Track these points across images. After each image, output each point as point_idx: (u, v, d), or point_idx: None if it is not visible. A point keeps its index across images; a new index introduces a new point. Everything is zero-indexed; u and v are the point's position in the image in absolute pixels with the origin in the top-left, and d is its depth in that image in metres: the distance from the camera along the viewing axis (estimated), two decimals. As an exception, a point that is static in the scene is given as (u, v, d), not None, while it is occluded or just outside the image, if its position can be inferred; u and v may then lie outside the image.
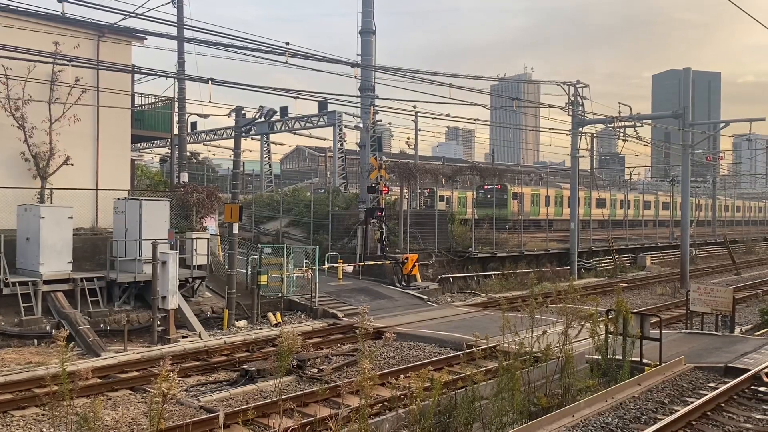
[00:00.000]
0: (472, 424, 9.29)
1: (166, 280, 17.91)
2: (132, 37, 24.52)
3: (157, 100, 28.45)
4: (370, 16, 30.09)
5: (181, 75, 26.15)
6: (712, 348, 15.63)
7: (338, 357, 16.71)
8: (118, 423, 11.57)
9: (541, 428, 9.45)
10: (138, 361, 15.51)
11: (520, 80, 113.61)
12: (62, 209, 19.25)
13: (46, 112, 21.49)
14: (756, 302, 25.15)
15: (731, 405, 11.51)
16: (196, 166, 50.59)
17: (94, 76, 23.20)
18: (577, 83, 35.23)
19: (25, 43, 19.03)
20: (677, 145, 42.31)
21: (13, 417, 11.76)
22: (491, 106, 38.75)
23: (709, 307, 18.11)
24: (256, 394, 13.40)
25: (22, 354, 15.91)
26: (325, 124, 47.53)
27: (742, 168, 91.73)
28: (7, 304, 17.68)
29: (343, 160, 45.90)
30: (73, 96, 21.88)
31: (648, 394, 11.79)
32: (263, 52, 19.67)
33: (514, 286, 30.16)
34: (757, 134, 65.28)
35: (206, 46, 19.21)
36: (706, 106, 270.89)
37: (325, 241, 30.49)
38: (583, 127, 36.74)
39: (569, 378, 11.42)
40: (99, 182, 23.83)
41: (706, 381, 12.91)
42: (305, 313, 22.04)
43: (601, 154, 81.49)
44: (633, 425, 10.14)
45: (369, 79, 29.63)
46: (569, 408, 10.27)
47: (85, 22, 21.07)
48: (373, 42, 30.08)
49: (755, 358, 14.21)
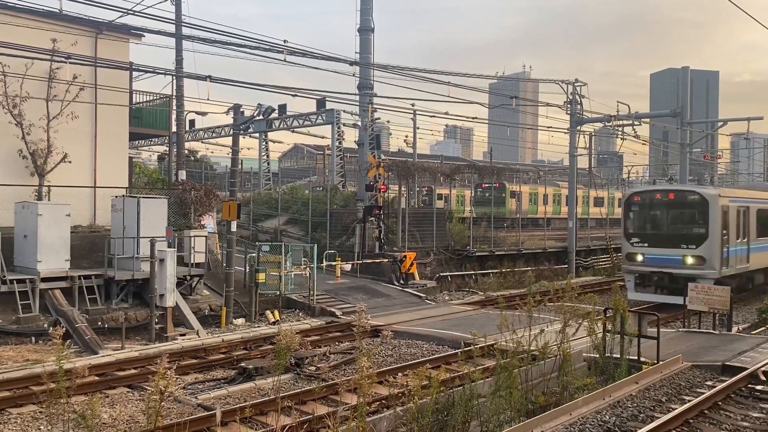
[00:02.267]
0: (470, 422, 9.30)
1: (164, 277, 17.89)
2: (130, 34, 24.51)
3: (155, 98, 28.41)
4: (368, 14, 30.06)
5: (180, 72, 26.10)
6: (709, 346, 15.65)
7: (336, 355, 16.71)
8: (115, 421, 11.56)
9: (539, 426, 9.45)
10: (136, 358, 15.49)
11: (518, 78, 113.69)
12: (60, 207, 19.21)
13: (43, 109, 21.45)
14: (754, 301, 25.17)
15: (728, 403, 11.52)
16: (194, 163, 50.58)
17: (92, 74, 23.18)
18: (575, 81, 35.24)
19: (23, 40, 19.01)
20: (675, 143, 42.36)
21: (10, 414, 11.75)
22: (490, 105, 38.79)
23: (706, 305, 18.13)
24: (254, 392, 13.39)
25: (19, 351, 15.88)
26: (323, 122, 47.50)
27: (740, 167, 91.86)
28: (5, 301, 17.66)
29: (341, 158, 45.86)
30: (70, 93, 21.84)
31: (645, 392, 11.80)
32: (262, 49, 19.69)
33: (512, 285, 30.16)
34: (755, 133, 65.31)
35: (205, 44, 19.22)
36: (704, 105, 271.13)
37: (324, 239, 30.48)
38: (582, 126, 36.77)
39: (567, 376, 11.43)
40: (97, 180, 23.81)
41: (703, 379, 12.92)
42: (303, 311, 22.03)
43: (600, 152, 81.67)
44: (630, 423, 10.15)
45: (367, 77, 29.61)
46: (567, 406, 10.28)
47: (83, 19, 21.09)
48: (371, 40, 30.05)
49: (752, 357, 14.23)
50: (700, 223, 23.12)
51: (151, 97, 28.38)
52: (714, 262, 22.66)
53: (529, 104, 46.26)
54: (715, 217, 22.77)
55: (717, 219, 22.77)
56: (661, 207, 24.31)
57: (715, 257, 22.73)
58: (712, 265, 22.62)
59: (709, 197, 23.13)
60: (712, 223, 22.79)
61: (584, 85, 35.59)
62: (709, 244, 22.77)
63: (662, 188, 26.50)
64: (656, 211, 24.52)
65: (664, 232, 23.99)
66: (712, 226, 22.78)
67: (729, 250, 23.34)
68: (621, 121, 35.60)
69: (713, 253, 22.75)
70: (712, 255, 22.74)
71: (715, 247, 22.78)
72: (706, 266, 22.55)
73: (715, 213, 22.80)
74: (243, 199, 37.28)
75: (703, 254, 22.68)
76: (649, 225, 24.54)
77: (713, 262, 22.68)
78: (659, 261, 23.39)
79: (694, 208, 23.44)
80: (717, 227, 22.78)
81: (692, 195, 23.76)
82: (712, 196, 23.18)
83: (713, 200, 23.03)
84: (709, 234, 22.79)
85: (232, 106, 21.59)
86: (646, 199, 24.80)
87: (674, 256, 23.12)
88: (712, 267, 22.60)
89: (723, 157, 74.32)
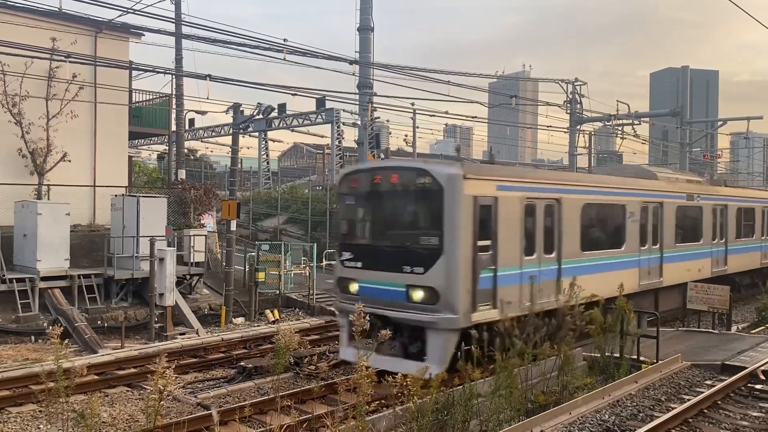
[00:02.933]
0: (470, 421, 9.30)
1: (164, 277, 17.88)
2: (129, 33, 24.51)
3: (154, 97, 28.41)
4: (368, 13, 30.08)
5: (179, 71, 26.09)
6: (708, 346, 15.64)
7: (336, 354, 16.69)
8: (115, 420, 11.57)
9: (539, 425, 9.45)
10: (135, 357, 15.49)
11: (518, 78, 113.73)
12: (59, 206, 19.21)
13: (43, 108, 21.45)
14: (753, 300, 25.12)
15: (728, 402, 11.52)
16: (193, 163, 50.53)
17: (92, 73, 23.17)
18: (575, 81, 35.26)
19: (23, 39, 19.00)
20: (675, 143, 42.39)
21: (10, 414, 11.76)
22: (489, 104, 38.78)
23: (706, 305, 18.13)
24: (254, 391, 13.40)
25: (19, 351, 15.88)
26: (323, 121, 47.48)
27: (740, 166, 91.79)
28: (5, 300, 17.66)
29: (341, 158, 45.86)
30: (70, 92, 21.83)
31: (645, 391, 11.80)
32: (261, 48, 19.69)
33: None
34: (755, 133, 65.33)
35: (204, 43, 19.22)
36: (704, 105, 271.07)
37: (323, 239, 30.47)
38: (582, 125, 36.79)
39: (566, 376, 11.43)
40: (96, 179, 23.80)
41: (702, 379, 12.92)
42: (303, 310, 22.03)
43: (599, 151, 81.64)
44: (630, 422, 10.15)
45: (367, 77, 29.62)
46: (566, 405, 10.28)
47: (83, 18, 21.04)
48: (371, 39, 30.07)
49: (752, 356, 14.23)
50: (431, 226, 12.62)
51: (151, 96, 28.39)
52: (453, 300, 12.00)
53: (529, 104, 46.26)
54: (457, 214, 12.16)
55: (461, 218, 12.17)
56: (375, 199, 13.65)
57: (454, 291, 12.03)
58: (449, 304, 11.98)
59: (446, 179, 12.29)
60: (449, 225, 12.19)
61: (584, 84, 35.63)
62: (443, 265, 12.11)
63: (377, 166, 15.45)
64: (370, 206, 13.87)
65: (378, 242, 13.48)
66: (451, 232, 12.15)
67: (497, 276, 12.73)
68: (621, 120, 35.64)
69: (451, 284, 12.06)
70: (450, 286, 12.06)
71: (457, 271, 12.06)
72: (439, 306, 11.98)
73: (455, 208, 12.18)
74: (242, 198, 37.29)
75: (433, 284, 12.12)
76: (362, 230, 14.25)
77: (451, 299, 12.01)
78: (375, 294, 12.79)
79: (420, 201, 12.94)
80: (460, 234, 12.15)
81: (417, 176, 12.73)
82: (452, 178, 12.28)
83: (453, 185, 12.22)
84: (444, 247, 12.15)
85: (232, 105, 21.59)
86: (363, 186, 13.71)
87: (393, 287, 12.64)
88: (449, 309, 11.95)
89: (723, 157, 74.30)
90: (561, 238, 14.49)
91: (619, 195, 17.01)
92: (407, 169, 13.38)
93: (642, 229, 17.61)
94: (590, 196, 15.88)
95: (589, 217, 15.77)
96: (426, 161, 15.10)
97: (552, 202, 14.39)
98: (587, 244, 15.42)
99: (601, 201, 16.39)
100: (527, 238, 13.63)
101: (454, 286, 12.07)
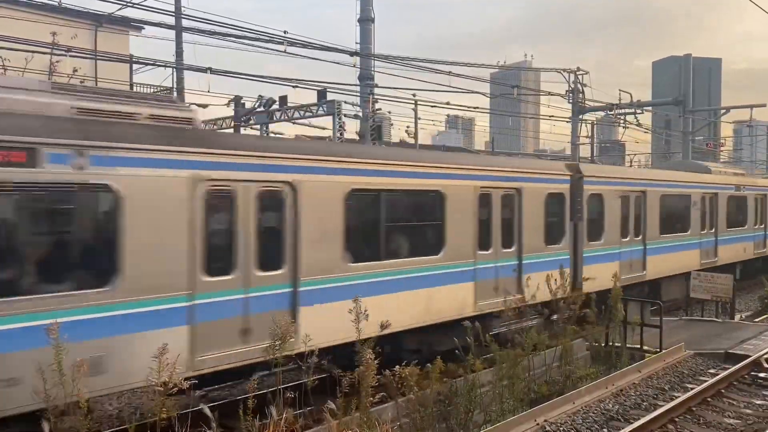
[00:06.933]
0: (473, 412, 9.31)
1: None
2: (129, 27, 24.49)
3: (156, 91, 28.36)
4: (369, 3, 29.95)
5: (180, 65, 26.03)
6: (712, 335, 15.64)
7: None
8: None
9: (543, 415, 9.47)
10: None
11: (520, 68, 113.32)
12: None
13: (44, 103, 21.42)
14: (757, 289, 25.09)
15: (731, 391, 11.53)
16: (195, 156, 50.37)
17: (92, 67, 23.16)
18: (577, 70, 35.05)
19: (23, 33, 18.96)
20: (678, 132, 42.26)
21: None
22: (491, 94, 38.66)
23: (709, 294, 18.10)
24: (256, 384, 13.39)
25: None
26: (324, 114, 47.19)
27: (743, 155, 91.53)
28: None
29: (342, 150, 45.79)
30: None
31: (648, 380, 11.81)
32: (261, 41, 19.62)
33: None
34: (758, 121, 65.05)
35: (205, 36, 19.16)
36: (706, 93, 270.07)
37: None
38: (584, 115, 36.63)
39: (569, 366, 11.45)
40: (98, 173, 23.79)
41: (706, 367, 12.93)
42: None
43: (602, 141, 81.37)
44: (633, 411, 10.16)
45: (368, 68, 29.54)
46: (570, 395, 10.29)
47: (83, 12, 21.01)
48: (372, 30, 29.96)
49: (755, 345, 14.23)
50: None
51: (152, 90, 28.33)
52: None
53: (531, 93, 46.09)
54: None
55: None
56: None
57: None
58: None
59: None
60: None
61: (586, 73, 35.39)
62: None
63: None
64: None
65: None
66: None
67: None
68: (623, 109, 35.49)
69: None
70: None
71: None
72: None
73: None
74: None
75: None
76: None
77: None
78: None
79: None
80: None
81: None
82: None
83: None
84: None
85: (233, 98, 21.57)
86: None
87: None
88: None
89: (726, 145, 74.08)
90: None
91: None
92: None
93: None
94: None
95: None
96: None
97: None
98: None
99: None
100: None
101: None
